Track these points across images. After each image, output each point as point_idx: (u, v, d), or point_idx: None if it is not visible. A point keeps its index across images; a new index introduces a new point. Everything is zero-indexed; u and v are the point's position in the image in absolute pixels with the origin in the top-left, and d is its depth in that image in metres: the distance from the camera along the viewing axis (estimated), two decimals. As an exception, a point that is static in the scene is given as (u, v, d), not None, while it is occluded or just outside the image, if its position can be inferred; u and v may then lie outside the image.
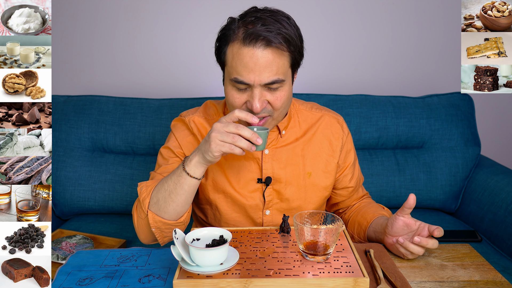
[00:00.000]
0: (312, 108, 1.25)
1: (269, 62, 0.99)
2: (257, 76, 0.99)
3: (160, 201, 1.02)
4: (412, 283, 0.90)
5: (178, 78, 2.10)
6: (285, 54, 1.03)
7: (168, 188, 1.01)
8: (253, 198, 1.17)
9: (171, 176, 1.02)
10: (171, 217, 1.03)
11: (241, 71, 1.00)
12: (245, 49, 0.99)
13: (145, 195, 1.04)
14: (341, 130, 1.24)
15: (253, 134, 0.93)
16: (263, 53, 0.99)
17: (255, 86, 1.01)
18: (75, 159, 1.77)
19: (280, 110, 1.06)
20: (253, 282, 0.83)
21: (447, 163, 1.81)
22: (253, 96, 1.01)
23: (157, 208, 1.03)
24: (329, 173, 1.21)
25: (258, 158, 1.17)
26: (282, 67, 1.02)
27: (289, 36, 1.02)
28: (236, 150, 0.93)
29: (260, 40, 0.98)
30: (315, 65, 2.10)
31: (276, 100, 1.03)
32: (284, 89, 1.04)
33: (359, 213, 1.21)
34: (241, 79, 1.01)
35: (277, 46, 1.00)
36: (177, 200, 1.01)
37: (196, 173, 0.99)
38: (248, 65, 0.99)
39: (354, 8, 2.05)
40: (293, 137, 1.19)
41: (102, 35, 2.05)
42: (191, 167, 0.99)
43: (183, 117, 1.22)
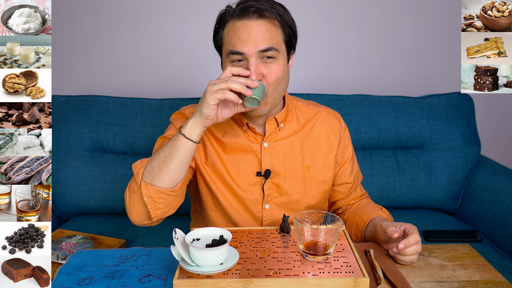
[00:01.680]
0: (310, 104, 1.27)
1: (262, 31, 1.04)
2: (252, 45, 1.03)
3: (155, 168, 1.00)
4: (412, 283, 0.90)
5: (178, 78, 2.10)
6: (278, 27, 1.07)
7: (163, 154, 1.01)
8: (252, 192, 1.18)
9: (167, 144, 1.02)
10: (165, 185, 1.01)
11: (236, 43, 1.05)
12: (239, 22, 1.05)
13: (139, 168, 1.03)
14: (339, 124, 1.25)
15: (247, 79, 0.97)
16: (256, 23, 1.04)
17: (251, 57, 1.04)
18: (75, 159, 1.77)
19: (274, 86, 1.07)
20: (253, 282, 0.83)
21: (447, 163, 1.81)
22: (249, 67, 1.04)
23: (151, 177, 1.01)
24: (328, 166, 1.22)
25: (257, 151, 1.17)
26: (275, 37, 1.06)
27: (282, 12, 1.07)
28: (229, 95, 0.96)
29: (252, 12, 1.04)
30: (315, 65, 2.10)
31: (271, 73, 1.06)
32: (278, 63, 1.07)
33: (357, 214, 1.21)
34: (236, 50, 1.04)
35: (270, 17, 1.05)
36: (172, 165, 1.00)
37: (193, 135, 1.00)
38: (242, 36, 1.04)
39: (354, 8, 2.05)
40: (291, 131, 1.20)
41: (102, 35, 2.05)
42: (187, 129, 1.00)
43: (183, 110, 1.23)
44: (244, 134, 1.18)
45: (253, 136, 1.18)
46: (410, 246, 0.96)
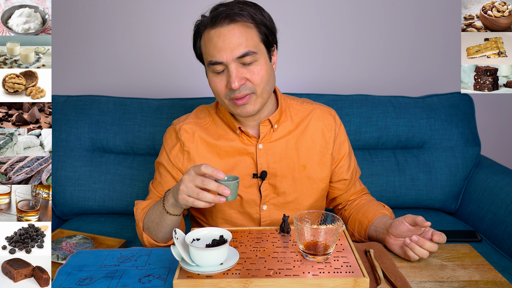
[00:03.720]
0: (303, 102, 1.26)
1: (236, 36, 1.04)
2: (228, 52, 1.03)
3: (151, 229, 1.10)
4: (412, 283, 0.90)
5: (178, 78, 2.10)
6: (251, 28, 1.06)
7: (155, 220, 1.08)
8: (249, 193, 1.18)
9: (156, 210, 1.08)
10: (162, 241, 1.12)
11: (213, 52, 1.05)
12: (212, 30, 1.05)
13: (139, 219, 1.14)
14: (333, 121, 1.24)
15: (219, 186, 0.92)
16: (228, 29, 1.04)
17: (230, 64, 1.04)
18: (75, 159, 1.77)
19: (262, 86, 1.08)
20: (253, 282, 0.83)
21: (447, 163, 1.80)
22: (230, 75, 1.04)
23: (149, 233, 1.12)
24: (324, 164, 1.21)
25: (253, 153, 1.17)
26: (251, 40, 1.05)
27: (253, 13, 1.06)
28: (200, 204, 0.94)
29: (223, 18, 1.03)
30: (315, 65, 2.10)
31: (254, 75, 1.06)
32: (259, 63, 1.07)
33: (360, 211, 1.21)
34: (214, 60, 1.05)
35: (241, 20, 1.04)
36: (164, 230, 1.08)
37: (175, 212, 1.04)
38: (217, 45, 1.04)
39: (353, 8, 2.05)
40: (285, 131, 1.20)
41: (102, 35, 2.05)
42: (169, 207, 1.03)
43: (174, 125, 1.23)
44: (238, 138, 1.18)
45: (248, 139, 1.18)
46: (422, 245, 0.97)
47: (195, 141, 1.18)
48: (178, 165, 1.19)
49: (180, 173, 1.20)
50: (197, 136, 1.19)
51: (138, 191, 1.75)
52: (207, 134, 1.19)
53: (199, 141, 1.18)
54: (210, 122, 1.21)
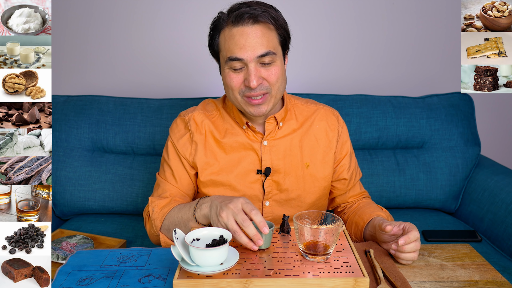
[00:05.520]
0: (308, 102, 1.29)
1: (258, 36, 1.06)
2: (250, 50, 1.05)
3: (171, 230, 1.12)
4: (412, 283, 0.90)
5: (178, 78, 2.10)
6: (272, 30, 1.09)
7: (179, 224, 1.10)
8: (253, 189, 1.19)
9: (183, 215, 1.09)
10: None
11: (234, 49, 1.06)
12: (235, 29, 1.07)
13: (156, 218, 1.15)
14: (337, 121, 1.27)
15: (255, 235, 0.90)
16: (251, 29, 1.06)
17: (250, 62, 1.06)
18: (75, 159, 1.77)
19: (277, 86, 1.11)
20: (253, 282, 0.83)
21: (447, 163, 1.80)
22: (249, 73, 1.06)
23: (167, 233, 1.14)
24: (327, 163, 1.23)
25: (257, 150, 1.19)
26: (272, 41, 1.08)
27: (275, 15, 1.09)
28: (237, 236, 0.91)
29: (247, 18, 1.05)
30: (315, 65, 2.10)
31: (271, 75, 1.09)
32: (276, 64, 1.09)
33: (357, 214, 1.22)
34: (234, 56, 1.06)
35: (265, 21, 1.07)
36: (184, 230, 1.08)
37: (204, 222, 1.05)
38: (239, 42, 1.06)
39: (354, 8, 2.05)
40: (290, 129, 1.22)
41: (102, 35, 2.05)
42: (200, 216, 1.05)
43: (182, 116, 1.24)
44: (244, 133, 1.20)
45: (253, 135, 1.19)
46: (409, 242, 0.95)
47: (204, 133, 1.20)
48: (185, 155, 1.21)
49: (186, 163, 1.21)
50: (206, 128, 1.21)
51: (138, 191, 1.75)
52: (214, 128, 1.21)
53: (208, 133, 1.21)
54: (218, 116, 1.23)
